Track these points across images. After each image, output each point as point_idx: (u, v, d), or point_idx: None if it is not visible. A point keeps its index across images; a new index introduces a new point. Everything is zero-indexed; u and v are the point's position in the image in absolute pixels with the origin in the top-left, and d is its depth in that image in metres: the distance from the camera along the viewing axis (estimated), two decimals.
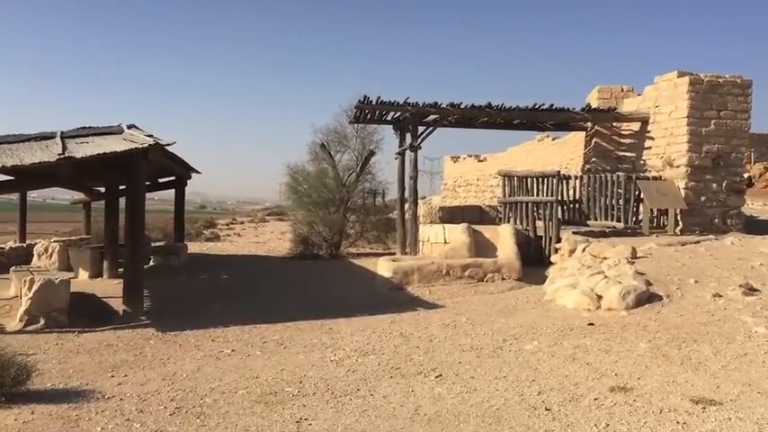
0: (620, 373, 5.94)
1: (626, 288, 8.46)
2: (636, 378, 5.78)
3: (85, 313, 9.20)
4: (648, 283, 8.92)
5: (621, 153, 16.63)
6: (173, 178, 18.28)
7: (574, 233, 13.27)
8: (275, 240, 25.88)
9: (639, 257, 10.68)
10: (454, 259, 12.78)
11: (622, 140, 16.68)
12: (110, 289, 11.54)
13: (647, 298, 8.49)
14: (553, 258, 13.32)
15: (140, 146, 9.29)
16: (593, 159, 16.99)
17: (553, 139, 25.08)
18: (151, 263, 16.43)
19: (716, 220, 14.70)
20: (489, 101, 15.32)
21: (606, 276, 9.49)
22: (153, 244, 19.37)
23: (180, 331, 8.70)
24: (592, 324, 7.92)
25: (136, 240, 9.78)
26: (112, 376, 6.61)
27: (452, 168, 39.15)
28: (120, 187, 13.73)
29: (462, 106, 15.42)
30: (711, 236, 13.71)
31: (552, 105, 15.54)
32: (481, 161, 37.53)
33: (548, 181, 13.92)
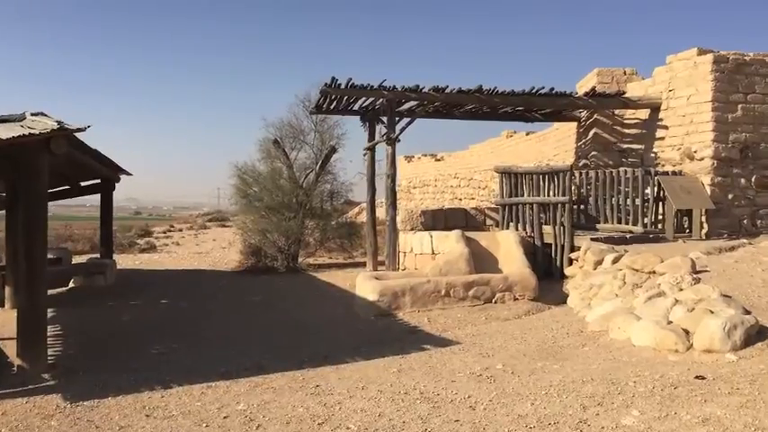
0: None
1: (729, 321, 6.11)
2: None
3: None
4: (746, 311, 6.62)
5: (626, 145, 14.50)
6: (98, 181, 15.34)
7: (592, 240, 11.00)
8: (219, 250, 22.95)
9: (700, 272, 8.42)
10: (453, 275, 10.33)
11: (627, 131, 14.55)
12: (10, 324, 8.62)
13: (756, 333, 6.17)
14: (568, 271, 11.03)
15: (37, 133, 6.48)
16: (593, 153, 14.78)
17: (527, 134, 22.97)
18: (71, 284, 13.46)
19: (744, 221, 12.67)
20: (480, 84, 12.91)
21: (678, 300, 7.18)
22: (75, 260, 16.36)
23: (99, 399, 5.96)
24: (701, 377, 5.54)
25: (34, 261, 6.92)
26: None
27: (406, 169, 36.80)
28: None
29: (448, 91, 12.98)
30: (743, 239, 11.66)
31: (553, 89, 13.27)
32: (438, 160, 35.40)
33: (557, 178, 11.58)
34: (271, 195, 17.02)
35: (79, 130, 6.78)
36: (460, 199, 30.20)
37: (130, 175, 15.68)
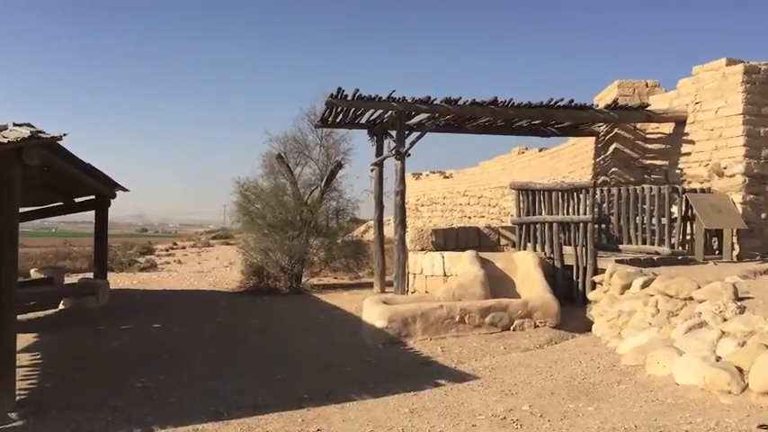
0: None
1: None
2: None
3: None
4: None
5: (649, 161, 13.72)
6: (92, 197, 14.66)
7: (617, 262, 10.20)
8: (221, 269, 22.22)
9: (743, 298, 7.61)
10: (467, 300, 9.55)
11: (649, 146, 13.77)
12: None
13: None
14: (591, 295, 10.24)
15: (6, 142, 5.77)
16: (614, 170, 14.00)
17: (540, 150, 22.25)
18: (61, 306, 12.72)
19: None
20: (495, 96, 12.18)
21: (724, 332, 6.39)
22: (71, 279, 15.66)
23: None
24: (765, 427, 4.74)
25: (1, 283, 6.16)
26: None
27: (414, 186, 36.09)
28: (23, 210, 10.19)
29: (461, 103, 12.26)
30: None
31: (572, 101, 12.53)
32: (447, 178, 34.72)
33: (579, 195, 10.79)
34: (274, 212, 16.33)
35: (54, 138, 6.07)
36: (470, 217, 29.48)
37: (127, 191, 14.99)
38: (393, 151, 12.60)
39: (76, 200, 14.84)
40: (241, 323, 11.17)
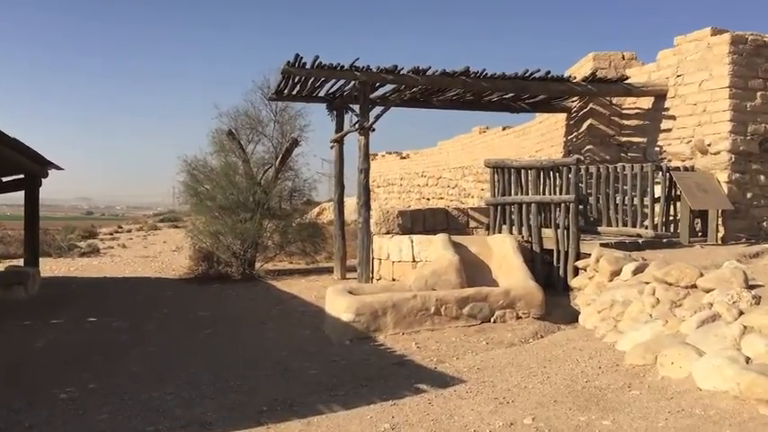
0: None
1: None
2: None
3: None
4: None
5: (626, 138, 12.97)
6: (21, 176, 13.29)
7: (602, 246, 9.42)
8: (169, 254, 20.93)
9: (752, 286, 6.85)
10: (441, 289, 8.62)
11: (626, 122, 13.03)
12: None
13: None
14: (574, 282, 9.44)
15: None
16: (589, 147, 13.22)
17: (503, 129, 21.46)
18: None
19: (764, 224, 11.25)
20: (467, 66, 11.22)
21: (747, 327, 5.59)
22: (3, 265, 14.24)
23: None
24: None
25: None
26: None
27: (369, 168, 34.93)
28: None
29: (430, 73, 11.27)
30: (765, 244, 10.23)
31: (549, 73, 11.65)
32: (404, 158, 33.89)
33: (561, 173, 9.94)
34: (224, 193, 15.13)
35: None
36: (428, 199, 28.65)
37: (61, 169, 13.66)
38: (356, 126, 11.56)
39: (3, 179, 13.47)
40: (188, 315, 10.07)
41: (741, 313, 5.96)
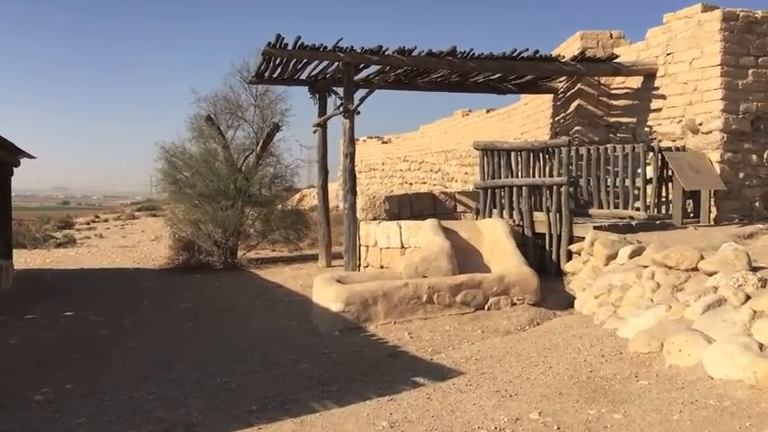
0: None
1: None
2: None
3: None
4: None
5: (615, 119, 12.75)
6: None
7: (595, 229, 9.19)
8: (148, 243, 20.47)
9: (756, 268, 6.63)
10: (432, 275, 8.34)
11: (615, 102, 12.81)
12: None
13: None
14: (568, 267, 9.21)
15: None
16: (577, 128, 12.97)
17: (487, 111, 21.18)
18: None
19: (756, 204, 11.09)
20: (454, 46, 10.89)
21: (757, 312, 5.36)
22: None
23: None
24: None
25: None
26: None
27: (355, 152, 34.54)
28: None
29: (416, 53, 10.93)
30: (758, 225, 10.06)
31: (537, 52, 11.36)
32: (385, 143, 33.47)
33: (553, 155, 9.69)
34: (204, 181, 14.71)
35: None
36: (411, 183, 28.38)
37: (33, 158, 13.19)
38: (341, 109, 11.20)
39: None
40: (170, 308, 9.72)
41: (748, 297, 5.74)
